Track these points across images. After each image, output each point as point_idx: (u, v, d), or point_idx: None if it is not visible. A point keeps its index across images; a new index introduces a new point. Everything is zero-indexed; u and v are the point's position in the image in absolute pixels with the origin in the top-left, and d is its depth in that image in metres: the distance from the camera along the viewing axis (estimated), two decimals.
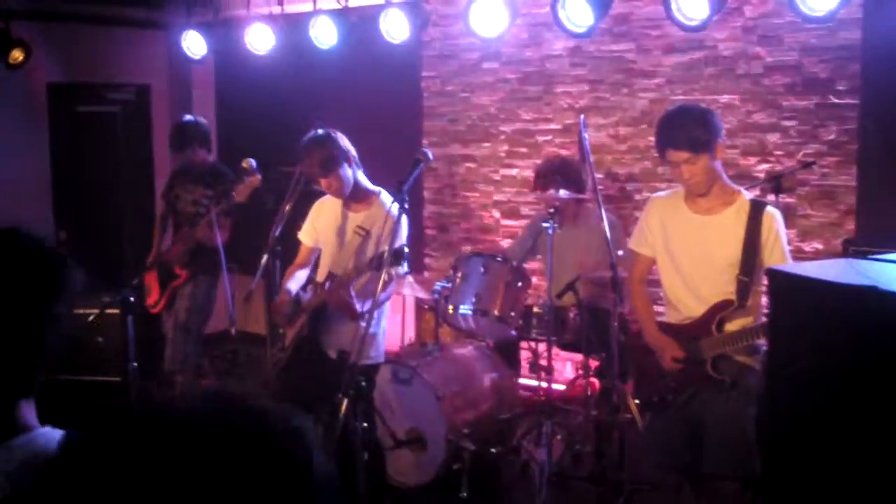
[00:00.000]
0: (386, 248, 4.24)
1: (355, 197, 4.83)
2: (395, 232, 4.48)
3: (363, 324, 4.61)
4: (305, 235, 5.04)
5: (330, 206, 4.94)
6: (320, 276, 4.84)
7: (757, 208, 4.05)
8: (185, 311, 6.40)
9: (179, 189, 6.51)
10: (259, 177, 5.28)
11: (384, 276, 4.23)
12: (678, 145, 3.98)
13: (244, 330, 7.39)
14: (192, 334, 6.48)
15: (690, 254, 4.15)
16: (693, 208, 4.17)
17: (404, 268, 4.61)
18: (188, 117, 6.60)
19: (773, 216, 4.05)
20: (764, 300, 4.06)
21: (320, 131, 4.77)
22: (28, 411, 1.72)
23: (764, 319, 3.99)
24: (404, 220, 4.50)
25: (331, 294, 4.58)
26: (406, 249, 4.20)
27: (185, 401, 1.06)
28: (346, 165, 4.71)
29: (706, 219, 4.13)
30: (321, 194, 5.02)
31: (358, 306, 4.55)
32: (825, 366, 2.55)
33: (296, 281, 4.95)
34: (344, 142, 4.77)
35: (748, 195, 4.14)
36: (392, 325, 6.23)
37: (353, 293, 4.52)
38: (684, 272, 4.18)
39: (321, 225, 4.96)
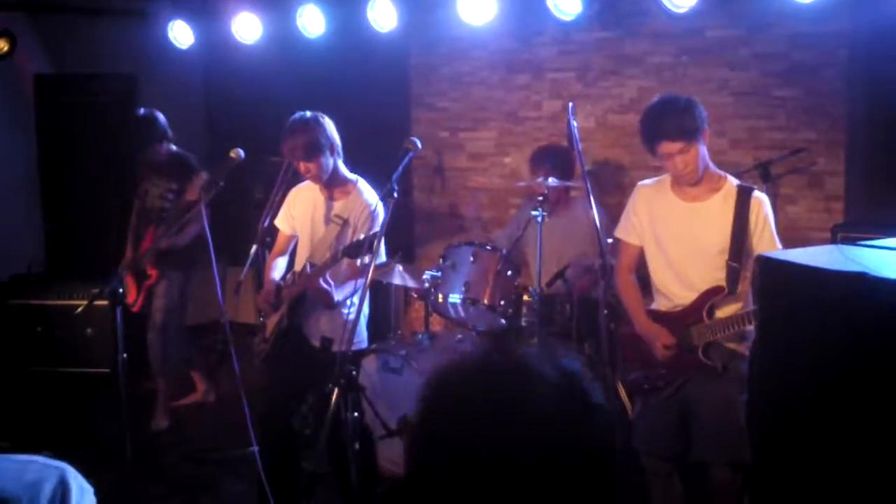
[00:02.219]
0: (361, 236, 4.25)
1: (333, 185, 4.81)
2: (371, 220, 4.50)
3: (344, 310, 4.61)
4: (282, 222, 5.01)
5: (307, 193, 4.91)
6: (298, 265, 4.83)
7: (744, 194, 4.05)
8: (161, 312, 6.33)
9: (147, 184, 6.41)
10: (203, 174, 5.16)
11: (358, 264, 4.30)
12: (672, 136, 3.96)
13: (235, 321, 7.38)
14: (170, 333, 6.41)
15: (679, 241, 4.15)
16: (680, 195, 4.17)
17: (382, 257, 4.62)
18: (143, 111, 6.44)
19: (761, 201, 4.05)
20: None
21: (309, 114, 4.75)
22: None
23: (753, 306, 4.00)
24: (381, 208, 4.51)
25: (309, 282, 4.57)
26: (376, 238, 4.20)
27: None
28: (328, 153, 4.69)
29: (694, 206, 4.13)
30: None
31: (334, 295, 4.54)
32: (815, 353, 2.55)
33: (278, 270, 4.94)
34: (330, 128, 4.74)
35: (734, 181, 4.14)
36: (382, 314, 6.23)
37: (330, 281, 4.51)
38: (673, 260, 4.18)
39: (298, 212, 4.94)
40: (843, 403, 2.47)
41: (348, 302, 4.61)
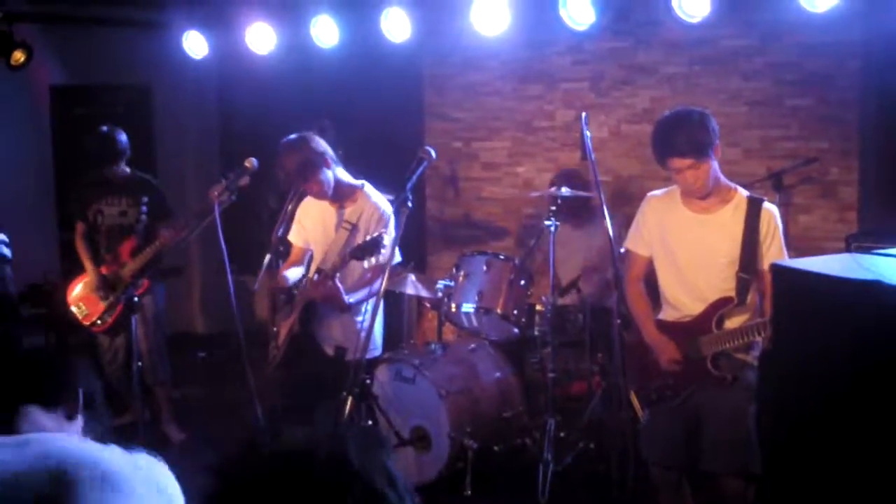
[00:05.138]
0: (368, 237, 4.26)
1: (339, 194, 4.83)
2: (380, 222, 4.52)
3: (357, 318, 4.62)
4: (295, 236, 5.03)
5: (316, 204, 4.93)
6: (312, 274, 4.86)
7: (754, 205, 4.05)
8: (151, 324, 6.18)
9: (99, 204, 6.18)
10: (246, 180, 4.96)
11: (366, 265, 4.31)
12: (682, 152, 3.96)
13: (247, 329, 7.38)
14: (162, 344, 6.36)
15: (689, 252, 4.14)
16: (690, 207, 4.16)
17: (397, 257, 4.63)
18: (105, 129, 6.17)
19: (772, 212, 4.05)
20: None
21: (293, 136, 4.75)
22: None
23: (759, 318, 3.99)
24: (389, 210, 4.53)
25: (318, 286, 4.58)
26: (384, 239, 4.20)
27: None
28: (324, 168, 4.69)
29: (704, 217, 4.12)
30: None
31: (346, 297, 4.55)
32: (829, 360, 2.55)
33: (291, 274, 4.96)
34: (318, 143, 4.75)
35: (744, 192, 4.14)
36: (395, 324, 6.23)
37: (339, 284, 4.51)
38: (682, 271, 4.17)
39: (309, 224, 4.96)
40: (855, 412, 2.46)
41: (362, 308, 4.63)
